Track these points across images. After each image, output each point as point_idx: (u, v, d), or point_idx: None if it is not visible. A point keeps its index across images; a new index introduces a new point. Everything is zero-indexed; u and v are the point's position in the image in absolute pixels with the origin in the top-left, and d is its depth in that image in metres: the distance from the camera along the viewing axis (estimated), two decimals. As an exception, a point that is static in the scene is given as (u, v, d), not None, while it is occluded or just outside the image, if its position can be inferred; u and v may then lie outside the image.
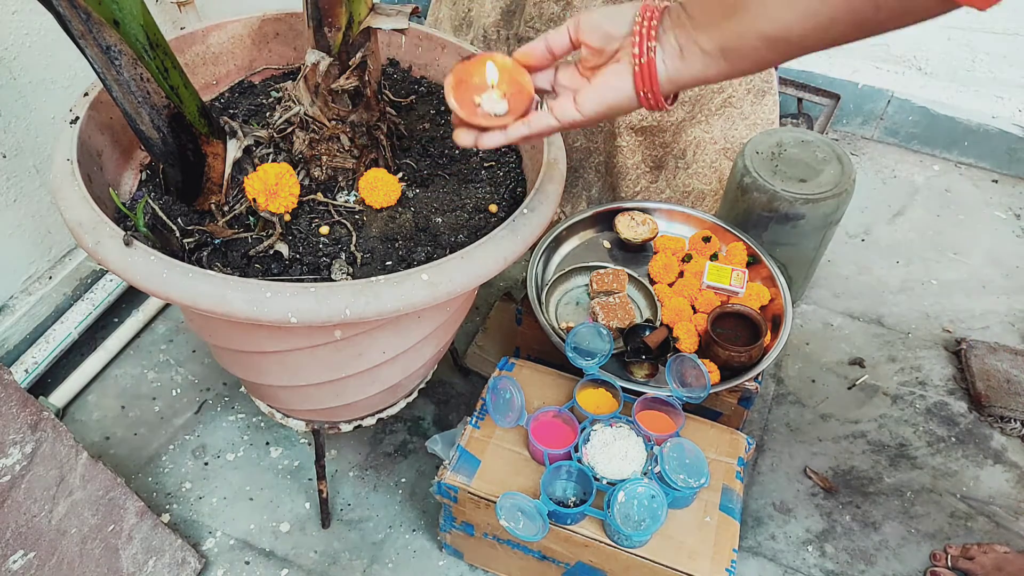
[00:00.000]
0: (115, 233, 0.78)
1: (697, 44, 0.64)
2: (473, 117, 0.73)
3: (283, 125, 0.94)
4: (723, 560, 0.98)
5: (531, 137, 0.74)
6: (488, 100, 0.73)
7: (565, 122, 0.71)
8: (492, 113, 0.73)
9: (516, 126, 0.73)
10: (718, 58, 0.64)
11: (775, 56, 0.62)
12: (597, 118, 0.71)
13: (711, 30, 0.63)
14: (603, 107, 0.70)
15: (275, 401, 1.15)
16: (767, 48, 0.61)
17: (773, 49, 0.61)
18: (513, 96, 0.73)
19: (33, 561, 0.95)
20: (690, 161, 1.58)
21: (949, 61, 1.93)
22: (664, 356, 1.15)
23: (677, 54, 0.65)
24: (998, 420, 1.44)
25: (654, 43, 0.65)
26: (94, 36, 0.76)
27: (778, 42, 0.60)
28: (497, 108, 0.73)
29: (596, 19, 0.69)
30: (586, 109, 0.70)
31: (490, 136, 0.73)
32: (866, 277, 1.71)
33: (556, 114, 0.71)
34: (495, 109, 0.73)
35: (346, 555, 1.22)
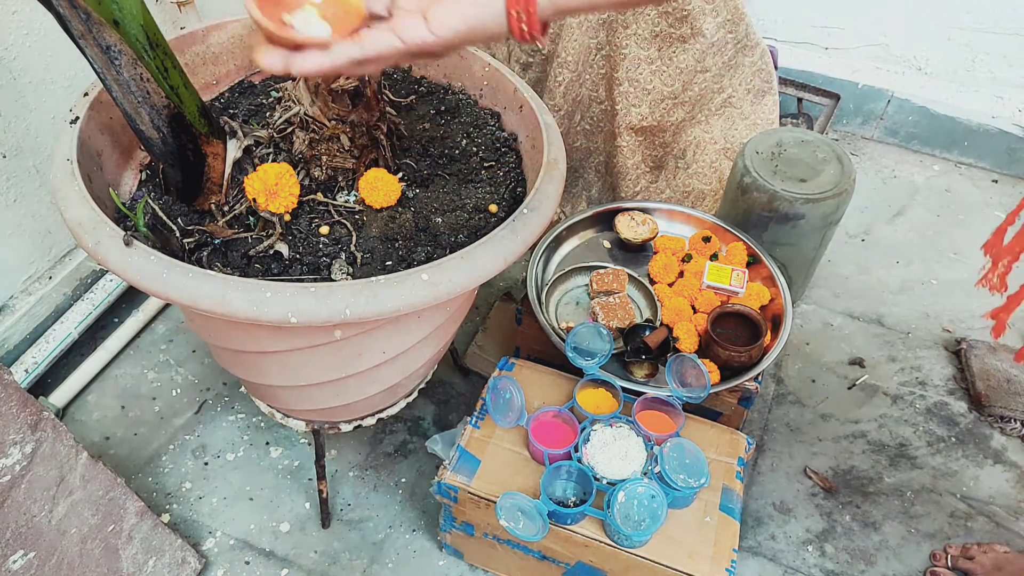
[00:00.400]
0: (115, 233, 0.78)
1: None
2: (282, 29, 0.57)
3: (283, 125, 0.94)
4: (723, 560, 0.98)
5: (365, 62, 0.58)
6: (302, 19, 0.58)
7: (412, 44, 0.57)
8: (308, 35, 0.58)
9: (343, 45, 0.57)
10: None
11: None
12: (454, 42, 0.57)
13: None
14: (463, 26, 0.56)
15: (275, 401, 1.15)
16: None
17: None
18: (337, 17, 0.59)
19: (33, 561, 0.95)
20: (690, 161, 1.58)
21: (949, 61, 1.93)
22: (664, 356, 1.15)
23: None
24: (998, 420, 1.44)
25: None
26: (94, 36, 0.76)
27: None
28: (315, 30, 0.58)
29: None
30: (441, 28, 0.56)
31: (306, 57, 0.57)
32: (866, 277, 1.71)
33: (401, 33, 0.57)
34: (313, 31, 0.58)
35: (346, 555, 1.22)
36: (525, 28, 0.55)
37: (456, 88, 1.15)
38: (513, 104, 1.07)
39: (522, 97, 1.04)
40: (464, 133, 1.09)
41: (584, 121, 1.61)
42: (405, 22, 0.56)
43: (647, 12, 1.42)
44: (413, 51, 0.57)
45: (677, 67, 1.47)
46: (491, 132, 1.09)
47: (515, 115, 1.07)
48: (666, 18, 1.42)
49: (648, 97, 1.50)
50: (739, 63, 1.49)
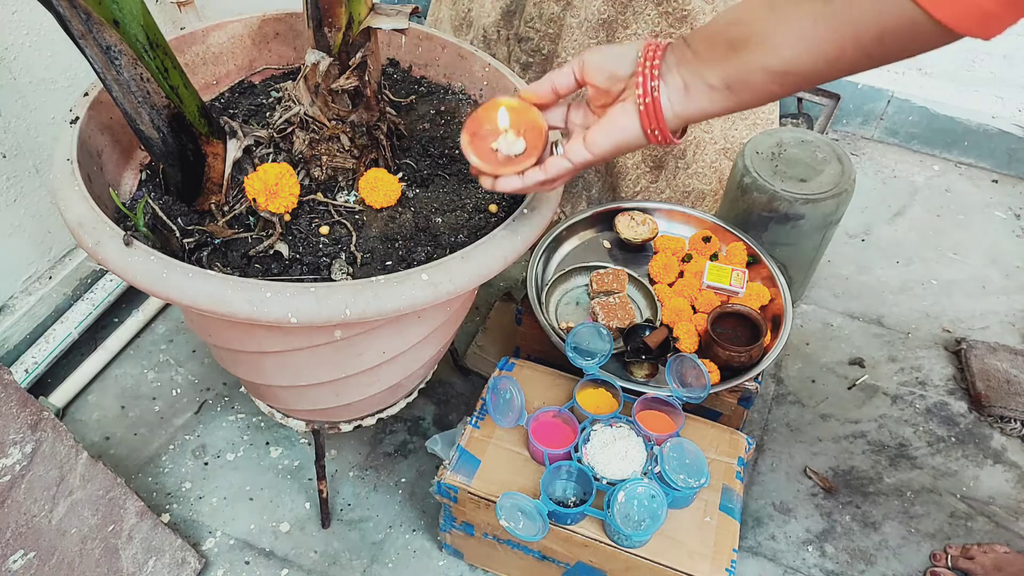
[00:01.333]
0: (115, 233, 0.78)
1: (703, 79, 0.64)
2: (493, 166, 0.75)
3: (283, 125, 0.94)
4: (723, 560, 0.98)
5: (548, 182, 0.75)
6: (504, 143, 0.75)
7: (578, 163, 0.72)
8: (512, 154, 0.75)
9: (532, 172, 0.75)
10: (724, 92, 0.64)
11: (781, 89, 0.62)
12: (608, 156, 0.72)
13: (716, 66, 0.63)
14: (612, 146, 0.71)
15: (275, 401, 1.15)
16: (773, 82, 0.61)
17: (779, 83, 0.61)
18: (527, 132, 0.75)
19: (33, 561, 0.95)
20: (690, 161, 1.58)
21: (949, 61, 1.93)
22: (664, 356, 1.15)
23: (682, 90, 0.65)
24: (998, 420, 1.44)
25: (658, 82, 0.66)
26: (94, 36, 0.76)
27: (785, 76, 0.60)
28: (514, 148, 0.75)
29: (600, 59, 0.70)
30: (596, 149, 0.71)
31: (506, 180, 0.75)
32: (866, 277, 1.71)
33: (569, 156, 0.73)
34: (513, 150, 0.75)
35: (346, 555, 1.22)
36: (660, 139, 0.69)
37: (456, 88, 1.15)
38: (513, 104, 1.07)
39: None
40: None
41: (584, 121, 1.61)
42: (572, 149, 0.73)
43: (647, 12, 1.42)
44: (580, 167, 0.73)
45: (677, 67, 1.47)
46: (491, 132, 1.09)
47: (515, 115, 1.07)
48: (666, 18, 1.42)
49: (648, 97, 1.49)
50: (739, 63, 1.49)
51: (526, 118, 0.75)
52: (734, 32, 0.61)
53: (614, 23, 1.45)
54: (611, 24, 1.46)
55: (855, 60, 0.58)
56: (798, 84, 0.61)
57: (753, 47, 0.60)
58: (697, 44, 0.64)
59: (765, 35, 0.60)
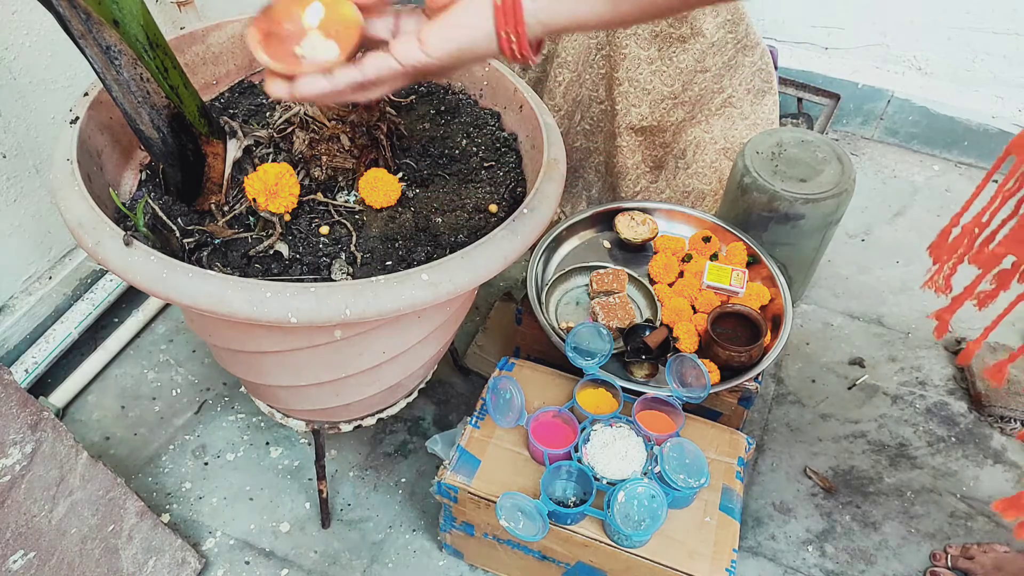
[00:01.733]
0: (115, 233, 0.78)
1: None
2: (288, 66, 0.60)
3: (283, 125, 0.94)
4: (723, 560, 0.98)
5: (367, 84, 0.61)
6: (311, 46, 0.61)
7: (408, 64, 0.59)
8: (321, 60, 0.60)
9: (344, 70, 0.60)
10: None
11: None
12: (447, 62, 0.59)
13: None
14: (454, 47, 0.58)
15: (275, 401, 1.15)
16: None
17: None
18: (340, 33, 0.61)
19: (33, 561, 0.95)
20: (690, 161, 1.58)
21: (949, 61, 1.93)
22: (664, 356, 1.15)
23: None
24: (998, 420, 1.44)
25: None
26: (94, 36, 0.76)
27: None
28: (325, 52, 0.60)
29: None
30: (433, 49, 0.58)
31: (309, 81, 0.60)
32: (866, 277, 1.71)
33: (397, 55, 0.59)
34: (323, 54, 0.60)
35: (346, 555, 1.22)
36: (516, 49, 0.57)
37: (456, 88, 1.15)
38: (513, 104, 1.07)
39: (522, 97, 1.04)
40: (464, 133, 1.09)
41: (584, 121, 1.61)
42: (401, 45, 0.59)
43: None
44: (410, 72, 0.59)
45: (677, 67, 1.47)
46: (491, 132, 1.09)
47: (515, 115, 1.07)
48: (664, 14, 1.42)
49: (648, 97, 1.50)
50: (739, 63, 1.49)
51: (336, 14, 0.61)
52: None
53: (614, 23, 1.45)
54: (611, 24, 1.46)
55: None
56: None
57: None
58: None
59: None
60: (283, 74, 0.61)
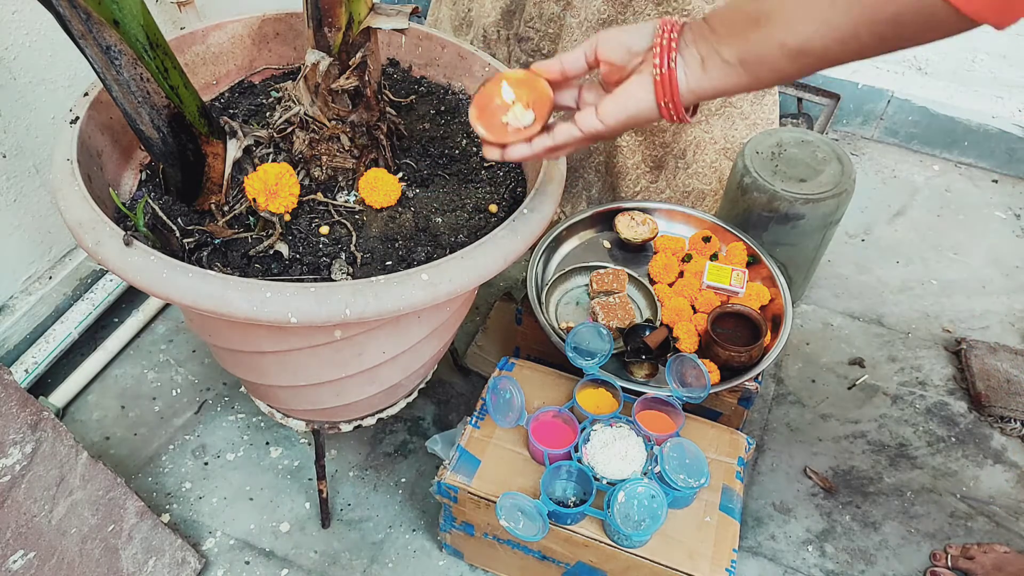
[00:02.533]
0: (115, 233, 0.78)
1: (719, 55, 0.65)
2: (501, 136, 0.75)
3: (283, 125, 0.94)
4: (723, 560, 0.98)
5: (556, 148, 0.75)
6: (514, 116, 0.75)
7: (587, 131, 0.72)
8: (521, 126, 0.75)
9: (540, 138, 0.75)
10: (738, 69, 0.65)
11: (795, 68, 0.63)
12: (619, 128, 0.72)
13: (733, 41, 0.64)
14: (624, 116, 0.71)
15: (275, 401, 1.15)
16: (787, 60, 0.62)
17: (793, 61, 0.62)
18: (536, 103, 0.75)
19: (33, 561, 0.95)
20: (690, 161, 1.58)
21: (949, 61, 1.93)
22: (664, 356, 1.15)
23: (699, 65, 0.67)
24: (998, 420, 1.44)
25: (675, 54, 0.67)
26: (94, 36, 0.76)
27: (799, 54, 0.61)
28: (524, 120, 0.75)
29: (615, 35, 0.71)
30: (607, 119, 0.71)
31: (515, 148, 0.76)
32: (866, 277, 1.71)
33: (579, 124, 0.73)
34: (522, 121, 0.75)
35: (346, 555, 1.22)
36: (673, 113, 0.69)
37: (456, 88, 1.15)
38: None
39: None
40: (464, 133, 1.09)
41: (584, 121, 1.61)
42: (582, 116, 0.73)
43: (646, 12, 1.42)
44: (589, 137, 0.73)
45: (677, 67, 1.47)
46: (491, 132, 1.09)
47: (515, 115, 1.07)
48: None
49: (648, 97, 1.49)
50: (739, 63, 1.49)
51: (534, 89, 0.75)
52: (752, 8, 0.63)
53: (614, 23, 1.45)
54: (611, 24, 1.46)
55: (867, 43, 0.58)
56: (811, 64, 0.62)
57: (770, 24, 0.62)
58: (715, 21, 0.66)
59: (783, 11, 0.61)
60: (496, 143, 0.76)
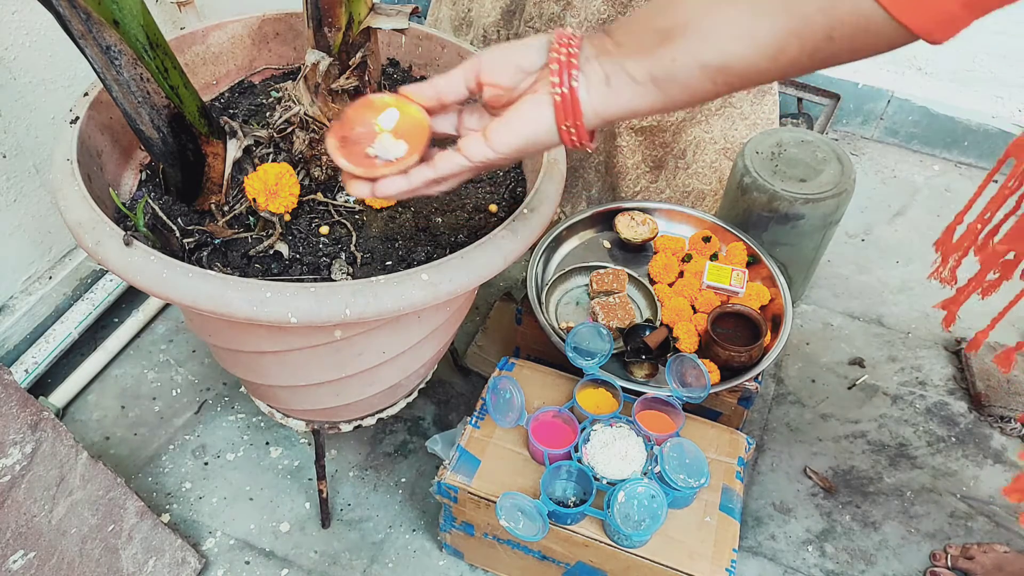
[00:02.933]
0: (115, 233, 0.78)
1: (626, 72, 0.58)
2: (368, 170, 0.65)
3: (283, 125, 0.94)
4: (723, 560, 0.98)
5: (438, 180, 0.66)
6: (382, 146, 0.65)
7: (477, 161, 0.64)
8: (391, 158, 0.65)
9: (419, 169, 0.65)
10: (650, 87, 0.58)
11: (714, 87, 0.57)
12: (512, 155, 0.64)
13: (642, 56, 0.57)
14: (519, 142, 0.62)
15: (275, 401, 1.15)
16: (706, 78, 0.56)
17: (712, 79, 0.56)
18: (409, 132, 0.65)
19: (33, 561, 0.95)
20: (690, 161, 1.58)
21: (949, 61, 1.93)
22: (664, 356, 1.15)
23: (603, 82, 0.59)
24: (998, 420, 1.44)
25: (576, 71, 0.59)
26: (94, 36, 0.76)
27: (719, 72, 0.55)
28: (394, 152, 0.65)
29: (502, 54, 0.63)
30: (499, 146, 0.63)
31: (388, 183, 0.66)
32: (866, 277, 1.71)
33: (467, 153, 0.64)
34: (392, 153, 0.65)
35: (346, 555, 1.22)
36: (575, 138, 0.62)
37: (456, 88, 1.15)
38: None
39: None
40: (464, 133, 1.08)
41: (584, 121, 1.61)
42: (469, 143, 0.64)
43: (647, 12, 1.42)
44: (479, 167, 0.65)
45: (677, 67, 1.47)
46: (491, 132, 1.09)
47: (515, 115, 1.07)
48: (666, 18, 1.41)
49: (648, 97, 1.49)
50: (739, 63, 1.49)
51: (406, 116, 0.66)
52: (664, 21, 0.56)
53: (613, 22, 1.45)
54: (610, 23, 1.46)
55: (797, 58, 0.53)
56: (734, 83, 0.56)
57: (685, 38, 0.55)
58: (620, 35, 0.59)
59: (699, 26, 0.54)
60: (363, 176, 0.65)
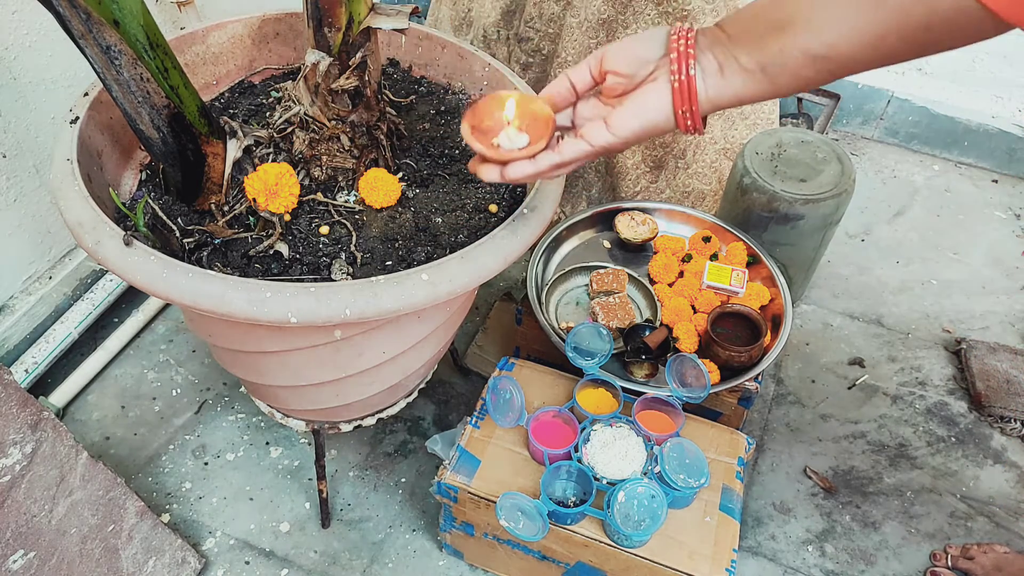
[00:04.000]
0: (115, 233, 0.78)
1: (737, 61, 0.63)
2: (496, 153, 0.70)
3: (283, 125, 0.94)
4: (723, 560, 0.98)
5: (562, 165, 0.70)
6: (506, 138, 0.70)
7: (598, 146, 0.68)
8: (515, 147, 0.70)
9: (546, 155, 0.70)
10: (758, 75, 0.62)
11: (818, 75, 0.60)
12: (632, 139, 0.67)
13: (751, 47, 0.62)
14: (638, 127, 0.66)
15: (275, 401, 1.15)
16: (810, 66, 0.60)
17: (816, 67, 0.60)
18: (531, 125, 0.70)
19: (33, 561, 0.95)
20: (690, 161, 1.58)
21: (949, 61, 1.93)
22: (664, 356, 1.15)
23: (717, 72, 0.64)
24: (998, 420, 1.44)
25: (693, 60, 0.64)
26: (94, 36, 0.76)
27: (822, 60, 0.59)
28: (517, 143, 0.70)
29: (625, 45, 0.67)
30: (620, 131, 0.67)
31: (516, 166, 0.70)
32: (866, 277, 1.71)
33: (588, 139, 0.68)
34: (516, 143, 0.70)
35: (346, 555, 1.22)
36: (690, 123, 0.65)
37: (456, 88, 1.15)
38: (513, 104, 1.07)
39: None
40: (464, 133, 1.08)
41: (584, 121, 1.61)
42: (591, 130, 0.68)
43: (647, 12, 1.42)
44: (599, 151, 0.68)
45: (677, 67, 1.47)
46: (491, 132, 1.09)
47: (515, 115, 1.07)
48: (666, 18, 1.42)
49: (648, 97, 1.49)
50: (739, 63, 1.49)
51: (530, 110, 0.71)
52: (774, 13, 0.60)
53: (614, 23, 1.45)
54: (611, 24, 1.46)
55: (896, 48, 0.56)
56: (836, 70, 0.59)
57: (793, 29, 0.59)
58: (732, 26, 0.63)
59: (807, 16, 0.58)
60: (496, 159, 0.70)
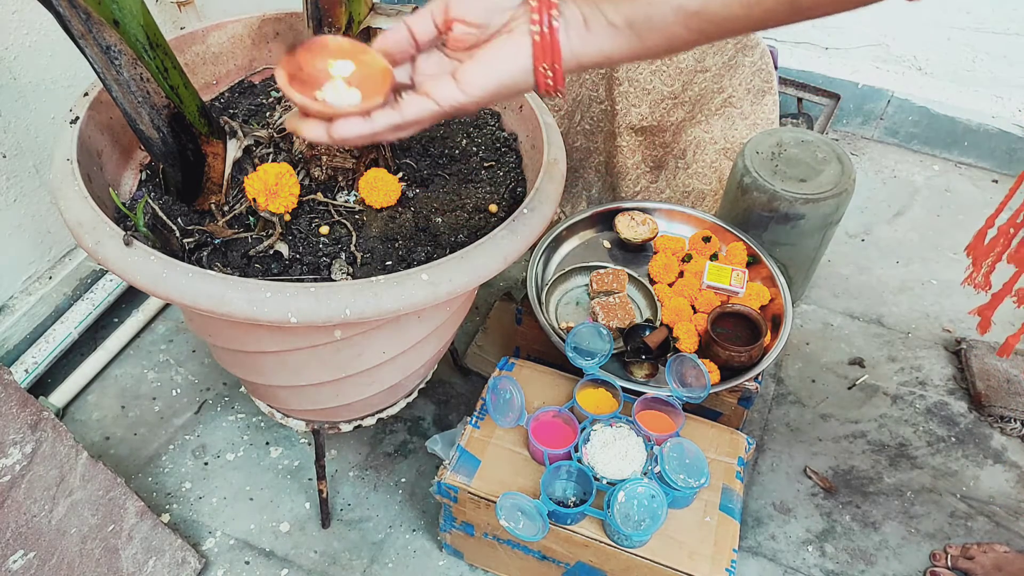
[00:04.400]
0: (115, 233, 0.78)
1: (603, 15, 0.56)
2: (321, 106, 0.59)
3: (283, 125, 0.94)
4: (723, 560, 0.98)
5: (403, 127, 0.60)
6: (332, 92, 0.59)
7: (447, 105, 0.59)
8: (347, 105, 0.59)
9: (383, 112, 0.59)
10: (626, 32, 0.56)
11: (690, 34, 0.55)
12: (484, 99, 0.59)
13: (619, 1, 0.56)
14: (493, 83, 0.58)
15: (275, 401, 1.15)
16: (682, 23, 0.54)
17: (688, 25, 0.54)
18: (364, 80, 0.60)
19: (33, 561, 0.95)
20: (690, 161, 1.58)
21: (949, 61, 1.93)
22: (664, 356, 1.15)
23: (581, 24, 0.57)
24: (998, 420, 1.44)
25: (556, 11, 0.56)
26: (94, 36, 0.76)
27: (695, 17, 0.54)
28: (347, 99, 0.59)
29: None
30: (471, 88, 0.58)
31: (347, 123, 0.59)
32: (866, 277, 1.71)
33: (435, 96, 0.59)
34: (344, 101, 0.59)
35: (346, 555, 1.22)
36: (551, 83, 0.58)
37: (456, 88, 1.15)
38: (513, 104, 1.07)
39: (522, 97, 1.04)
40: (464, 133, 1.09)
41: (584, 121, 1.61)
42: (438, 86, 0.59)
43: (647, 12, 1.42)
44: (447, 111, 0.60)
45: (677, 67, 1.47)
46: (491, 132, 1.09)
47: (515, 115, 1.07)
48: None
49: (648, 97, 1.50)
50: (739, 63, 1.49)
51: (362, 61, 0.60)
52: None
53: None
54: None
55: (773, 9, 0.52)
56: (709, 30, 0.55)
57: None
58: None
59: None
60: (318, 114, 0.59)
